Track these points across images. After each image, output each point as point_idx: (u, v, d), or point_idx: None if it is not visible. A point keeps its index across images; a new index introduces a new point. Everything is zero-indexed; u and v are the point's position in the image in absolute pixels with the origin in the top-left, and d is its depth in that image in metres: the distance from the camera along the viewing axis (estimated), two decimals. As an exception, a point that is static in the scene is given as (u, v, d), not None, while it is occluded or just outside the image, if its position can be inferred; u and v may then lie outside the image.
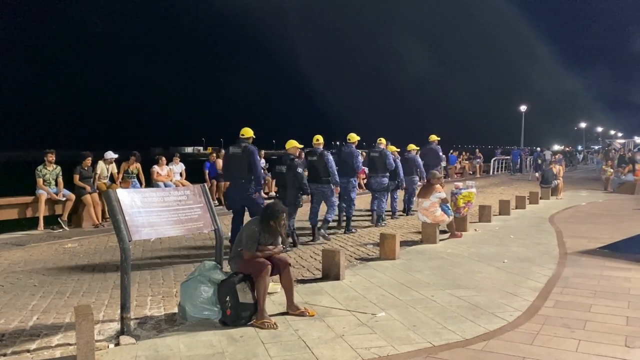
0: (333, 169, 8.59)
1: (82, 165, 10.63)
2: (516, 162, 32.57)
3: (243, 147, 7.58)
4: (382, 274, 6.30)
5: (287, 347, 3.99)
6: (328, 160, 8.58)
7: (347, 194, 9.44)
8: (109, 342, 4.10)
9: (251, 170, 7.47)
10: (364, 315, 4.73)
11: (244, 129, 7.79)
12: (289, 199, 7.81)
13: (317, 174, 8.67)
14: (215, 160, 14.09)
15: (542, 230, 9.71)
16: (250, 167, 7.46)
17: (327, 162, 8.56)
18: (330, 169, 8.55)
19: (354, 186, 9.69)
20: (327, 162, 8.56)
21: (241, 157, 7.55)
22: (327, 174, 8.57)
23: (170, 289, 5.78)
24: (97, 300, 5.37)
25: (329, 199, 8.74)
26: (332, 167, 8.57)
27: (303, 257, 7.41)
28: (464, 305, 5.05)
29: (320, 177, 8.64)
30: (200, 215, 4.93)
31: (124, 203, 4.34)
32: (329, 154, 8.83)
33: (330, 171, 8.55)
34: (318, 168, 8.66)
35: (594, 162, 40.54)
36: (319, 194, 8.74)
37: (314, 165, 8.75)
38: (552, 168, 16.70)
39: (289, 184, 7.93)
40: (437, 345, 4.02)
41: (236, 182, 7.64)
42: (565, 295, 5.35)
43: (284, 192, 8.00)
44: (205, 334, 4.26)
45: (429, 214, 8.57)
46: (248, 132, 7.77)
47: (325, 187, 8.67)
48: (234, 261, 4.82)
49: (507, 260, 6.98)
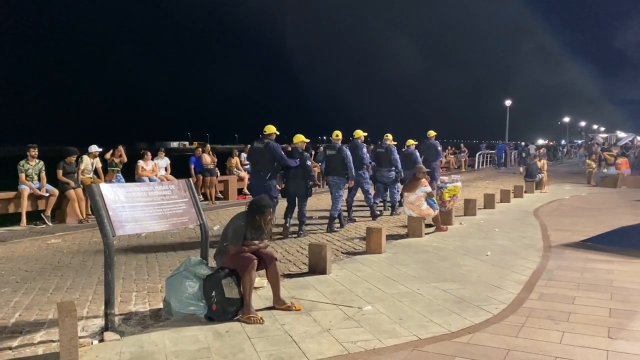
0: (350, 163, 9.17)
1: (66, 161, 10.50)
2: (501, 157, 32.83)
3: (265, 143, 8.24)
4: (368, 267, 6.31)
5: (274, 341, 3.98)
6: (346, 155, 9.17)
7: (360, 185, 10.26)
8: (92, 339, 4.06)
9: (272, 163, 8.18)
10: (351, 309, 4.73)
11: (267, 126, 8.47)
12: (300, 190, 8.54)
13: (335, 166, 9.29)
14: (200, 154, 14.00)
15: (527, 223, 9.80)
16: (272, 161, 8.18)
17: (345, 156, 9.14)
18: (348, 164, 9.13)
19: (365, 178, 10.34)
20: (345, 156, 9.14)
21: (263, 152, 8.23)
22: (344, 167, 9.16)
23: (156, 285, 5.74)
24: (81, 297, 5.31)
25: (338, 190, 9.26)
26: (349, 161, 9.16)
27: (289, 252, 7.40)
28: (450, 298, 5.07)
29: (337, 170, 9.25)
30: (185, 210, 4.89)
31: (107, 198, 4.29)
32: (347, 149, 9.42)
33: (348, 165, 9.13)
34: (336, 161, 9.25)
35: (577, 156, 41.00)
36: (335, 185, 9.33)
37: (332, 159, 9.37)
38: (536, 162, 16.86)
39: (299, 176, 8.52)
40: (423, 338, 4.04)
41: (258, 174, 8.34)
42: (550, 288, 5.40)
43: (294, 184, 8.55)
44: (190, 330, 4.23)
45: (414, 207, 8.60)
46: (270, 129, 8.42)
47: (340, 179, 9.25)
48: (219, 256, 4.79)
49: (490, 253, 7.03)
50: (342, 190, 9.35)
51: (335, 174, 9.31)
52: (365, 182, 10.34)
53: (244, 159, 16.22)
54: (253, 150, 8.57)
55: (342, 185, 9.30)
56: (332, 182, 9.38)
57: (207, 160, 13.91)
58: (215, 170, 14.04)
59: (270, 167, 8.20)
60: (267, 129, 8.46)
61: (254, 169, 8.62)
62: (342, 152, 9.21)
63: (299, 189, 8.56)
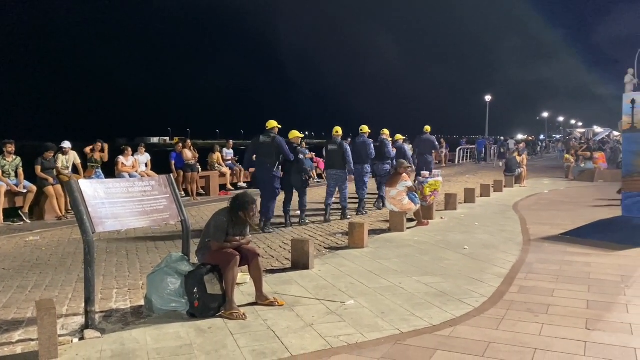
0: (350, 157, 9.74)
1: (44, 156, 10.33)
2: (481, 151, 33.17)
3: (272, 137, 8.72)
4: (351, 262, 6.33)
5: (256, 337, 3.98)
6: (346, 149, 9.75)
7: (361, 178, 10.64)
8: (73, 337, 4.01)
9: (277, 156, 8.67)
10: (333, 304, 4.75)
11: (269, 121, 8.88)
12: (296, 183, 9.07)
13: (336, 161, 9.87)
14: (181, 150, 13.87)
15: (507, 217, 9.92)
16: (277, 154, 8.66)
17: (345, 151, 9.73)
18: (347, 158, 9.70)
19: (367, 172, 10.77)
20: (345, 151, 9.73)
21: (270, 145, 8.71)
22: (344, 162, 9.71)
23: (137, 281, 5.69)
24: (60, 294, 5.25)
25: (344, 183, 9.89)
26: (349, 156, 9.73)
27: (272, 247, 7.39)
28: (431, 292, 5.12)
29: (338, 164, 9.81)
30: (166, 206, 4.85)
31: (87, 194, 4.23)
32: (347, 144, 10.05)
33: (347, 160, 9.69)
34: (337, 156, 9.84)
35: (556, 150, 41.54)
36: (337, 178, 9.90)
37: (333, 153, 9.95)
38: (515, 157, 17.05)
39: (294, 170, 9.02)
40: (405, 332, 4.07)
41: (264, 166, 8.78)
42: (529, 281, 5.48)
43: (289, 177, 9.05)
44: (172, 326, 4.21)
45: (396, 202, 8.64)
46: (272, 124, 8.84)
47: (341, 173, 9.82)
48: (201, 252, 4.76)
49: (467, 247, 7.10)
50: (347, 182, 9.91)
51: (336, 168, 9.85)
52: (366, 175, 10.73)
53: (225, 154, 16.15)
54: (259, 144, 8.86)
55: (344, 178, 9.82)
56: (334, 176, 9.91)
57: (188, 155, 13.80)
58: (196, 166, 13.94)
59: (276, 159, 8.68)
60: (269, 124, 8.86)
61: (259, 161, 8.97)
62: (342, 147, 9.75)
63: (296, 181, 9.04)
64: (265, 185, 8.84)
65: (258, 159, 9.09)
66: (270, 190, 8.73)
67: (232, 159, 16.33)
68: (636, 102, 9.61)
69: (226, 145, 16.80)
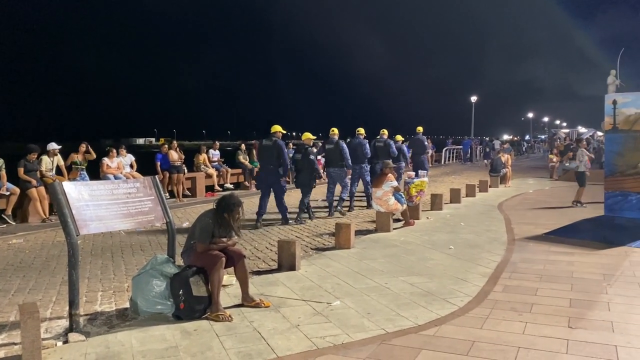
0: (347, 155, 10.32)
1: (27, 158, 10.21)
2: (467, 152, 33.40)
3: (274, 141, 9.28)
4: (337, 263, 6.35)
5: (242, 339, 3.98)
6: (342, 148, 10.36)
7: (362, 177, 11.12)
8: (56, 340, 3.97)
9: (279, 159, 9.17)
10: (319, 305, 4.76)
11: (273, 126, 9.53)
12: (304, 181, 9.69)
13: (334, 159, 10.49)
14: (167, 151, 13.79)
15: (492, 217, 10.00)
16: (279, 157, 9.16)
17: (342, 149, 10.33)
18: (344, 155, 10.29)
19: (367, 170, 11.20)
20: (342, 149, 10.33)
21: (272, 148, 9.26)
22: (341, 159, 10.31)
23: (122, 284, 5.66)
24: (44, 298, 5.20)
25: (342, 180, 10.45)
26: (345, 153, 10.32)
27: (258, 249, 7.39)
28: (417, 291, 5.15)
29: (336, 162, 10.44)
30: (151, 208, 4.83)
31: (70, 196, 4.20)
32: (343, 143, 10.63)
33: (344, 157, 10.28)
34: (334, 155, 10.47)
35: (541, 151, 41.91)
36: (336, 176, 10.51)
37: (331, 152, 10.59)
38: (500, 157, 17.19)
39: (304, 169, 9.71)
40: (391, 332, 4.09)
41: (267, 168, 9.41)
42: (513, 280, 5.53)
43: (299, 176, 9.78)
44: (158, 329, 4.19)
45: (382, 203, 8.68)
46: (276, 128, 9.48)
47: (340, 170, 10.41)
48: (187, 254, 4.75)
49: (453, 247, 7.16)
50: (347, 178, 10.47)
51: (334, 165, 10.48)
52: (366, 174, 11.14)
53: (212, 155, 16.08)
54: (262, 147, 9.60)
55: (343, 174, 10.40)
56: (333, 173, 10.54)
57: (174, 157, 13.73)
58: (182, 167, 13.87)
59: (277, 161, 9.22)
60: (273, 128, 9.51)
61: (263, 163, 9.71)
62: (339, 146, 10.40)
63: (304, 180, 9.70)
64: (265, 188, 9.46)
65: (261, 162, 9.80)
66: (278, 190, 9.35)
67: (218, 160, 16.26)
68: (618, 103, 9.76)
69: (212, 147, 16.74)
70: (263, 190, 9.50)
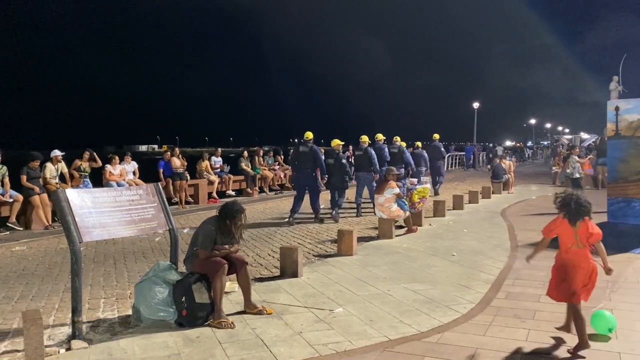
0: (375, 160, 11.21)
1: (30, 166, 10.24)
2: (469, 158, 33.35)
3: (310, 147, 10.41)
4: (339, 270, 6.34)
5: (245, 346, 3.97)
6: (371, 154, 11.29)
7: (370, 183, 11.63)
8: (59, 347, 3.98)
9: (315, 163, 10.31)
10: (322, 312, 4.75)
11: (307, 132, 10.66)
12: (338, 183, 10.75)
13: (363, 164, 11.41)
14: (170, 158, 13.81)
15: (494, 224, 9.99)
16: (315, 161, 10.30)
17: (370, 155, 11.25)
18: (372, 161, 11.18)
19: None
20: (370, 155, 11.25)
21: (308, 154, 10.38)
22: (370, 164, 11.17)
23: (124, 291, 5.66)
24: (47, 304, 5.21)
25: (370, 183, 11.25)
26: (374, 159, 11.21)
27: (261, 255, 7.39)
28: (420, 299, 5.14)
29: (365, 167, 11.35)
30: (154, 215, 4.85)
31: (73, 203, 4.22)
32: (372, 149, 11.50)
33: (372, 162, 11.17)
34: (363, 160, 11.39)
35: (543, 157, 41.83)
36: (364, 179, 11.42)
37: (360, 158, 11.56)
38: (501, 163, 17.13)
39: (336, 172, 10.76)
40: (394, 339, 4.09)
41: (304, 171, 10.41)
42: (516, 287, 5.52)
43: (332, 178, 10.79)
44: (160, 336, 4.19)
45: (384, 209, 8.67)
46: (309, 135, 10.64)
47: (368, 175, 11.29)
48: (189, 261, 4.75)
49: (456, 254, 7.14)
50: (374, 181, 11.08)
51: (363, 170, 11.38)
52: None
53: (214, 162, 16.09)
54: (299, 152, 10.55)
55: (371, 178, 11.20)
56: (362, 177, 11.46)
57: (177, 164, 13.75)
58: (185, 174, 13.89)
59: (314, 165, 10.31)
60: (307, 135, 10.64)
61: (300, 166, 10.56)
62: (367, 152, 11.32)
63: (337, 182, 10.71)
64: (301, 190, 10.54)
65: (298, 165, 10.63)
66: (314, 190, 10.45)
67: (220, 167, 16.28)
68: (620, 109, 9.75)
69: (215, 153, 16.76)
70: (299, 192, 10.52)
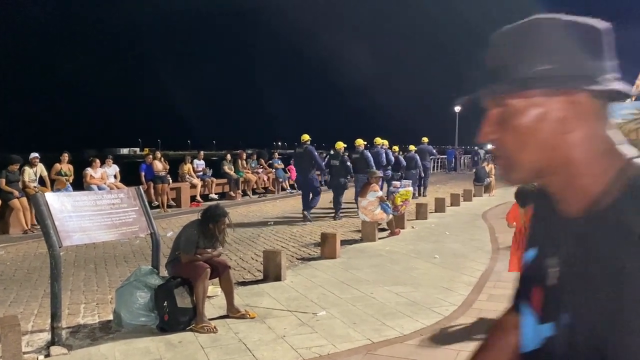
0: (371, 162, 11.71)
1: (9, 169, 10.07)
2: (451, 161, 33.63)
3: (304, 148, 11.04)
4: (323, 273, 6.34)
5: (228, 350, 3.95)
6: (367, 157, 11.91)
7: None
8: (38, 354, 3.92)
9: (312, 164, 10.99)
10: (305, 315, 4.75)
11: (303, 135, 11.27)
12: (338, 183, 11.29)
13: (360, 166, 11.76)
14: (152, 162, 13.69)
15: (476, 226, 10.07)
16: (311, 162, 10.96)
17: (367, 158, 11.85)
18: (369, 163, 11.65)
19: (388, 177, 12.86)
20: (367, 158, 11.85)
21: (303, 155, 11.03)
22: (367, 167, 11.35)
23: (105, 296, 5.59)
24: (25, 310, 5.12)
25: None
26: (370, 161, 11.74)
27: (244, 259, 7.36)
28: (402, 301, 5.16)
29: (362, 169, 11.58)
30: (135, 219, 4.80)
31: (53, 207, 4.17)
32: (368, 152, 12.16)
33: (369, 164, 11.52)
34: (360, 162, 11.86)
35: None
36: (362, 181, 11.08)
37: (357, 161, 12.02)
38: (484, 166, 17.33)
39: (339, 173, 11.35)
40: (377, 342, 4.10)
41: (303, 171, 11.19)
42: (498, 289, 5.57)
43: (333, 179, 11.45)
44: (142, 341, 4.15)
45: (367, 212, 8.70)
46: (305, 137, 11.21)
47: (365, 176, 10.91)
48: (171, 265, 4.71)
49: (438, 256, 7.19)
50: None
51: (360, 172, 11.64)
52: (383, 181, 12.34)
53: (196, 165, 15.99)
54: (295, 154, 11.32)
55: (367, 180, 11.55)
56: (360, 179, 11.53)
57: (159, 167, 13.63)
58: (167, 177, 13.78)
59: (311, 166, 10.99)
60: (303, 137, 11.19)
61: (299, 168, 11.45)
62: (364, 155, 11.97)
63: (337, 182, 11.26)
64: (307, 187, 11.07)
65: (297, 167, 11.38)
66: (313, 189, 10.99)
67: (203, 170, 16.17)
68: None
69: (197, 156, 16.65)
70: (304, 191, 11.18)
